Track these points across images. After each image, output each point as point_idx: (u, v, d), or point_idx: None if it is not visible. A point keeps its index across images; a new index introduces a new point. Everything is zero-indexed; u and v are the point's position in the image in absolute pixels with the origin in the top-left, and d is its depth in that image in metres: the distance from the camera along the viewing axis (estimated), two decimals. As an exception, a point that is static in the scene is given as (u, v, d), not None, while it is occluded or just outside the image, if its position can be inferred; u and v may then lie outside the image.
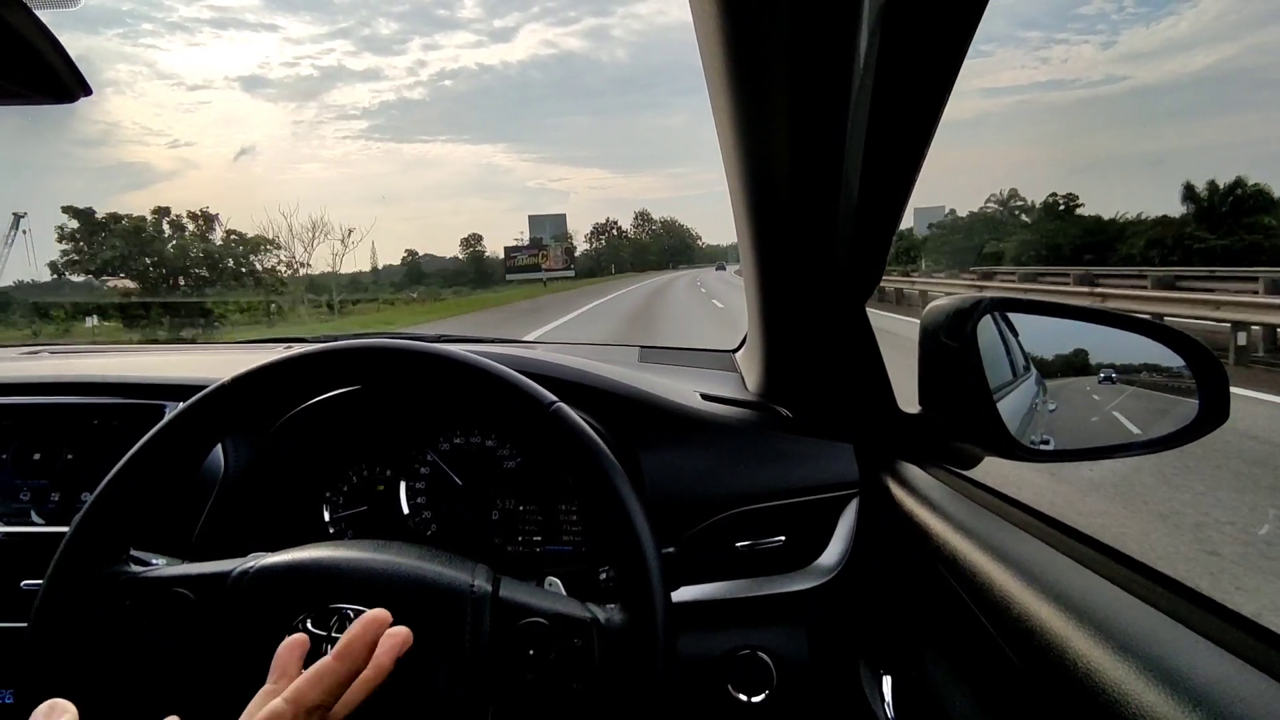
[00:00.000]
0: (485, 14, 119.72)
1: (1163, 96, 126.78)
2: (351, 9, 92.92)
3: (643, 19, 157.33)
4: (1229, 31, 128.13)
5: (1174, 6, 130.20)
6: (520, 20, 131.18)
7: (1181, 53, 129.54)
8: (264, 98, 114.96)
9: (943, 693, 0.60)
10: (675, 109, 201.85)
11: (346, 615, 0.50)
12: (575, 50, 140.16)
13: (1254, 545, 2.38)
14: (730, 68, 0.52)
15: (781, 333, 0.84)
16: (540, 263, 65.54)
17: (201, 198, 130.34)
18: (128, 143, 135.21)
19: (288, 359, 0.58)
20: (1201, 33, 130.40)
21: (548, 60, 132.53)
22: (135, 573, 0.53)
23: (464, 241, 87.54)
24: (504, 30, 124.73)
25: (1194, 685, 0.35)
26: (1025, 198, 42.11)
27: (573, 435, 0.55)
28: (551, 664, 0.51)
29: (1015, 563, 0.53)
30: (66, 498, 0.84)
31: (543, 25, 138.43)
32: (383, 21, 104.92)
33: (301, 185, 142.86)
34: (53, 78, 0.36)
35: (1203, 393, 0.62)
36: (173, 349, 1.37)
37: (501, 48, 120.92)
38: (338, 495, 0.90)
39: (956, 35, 0.48)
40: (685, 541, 0.79)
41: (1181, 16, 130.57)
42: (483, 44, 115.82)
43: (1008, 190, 42.98)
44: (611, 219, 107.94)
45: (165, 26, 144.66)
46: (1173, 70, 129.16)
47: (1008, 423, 0.64)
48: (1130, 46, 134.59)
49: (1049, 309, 0.70)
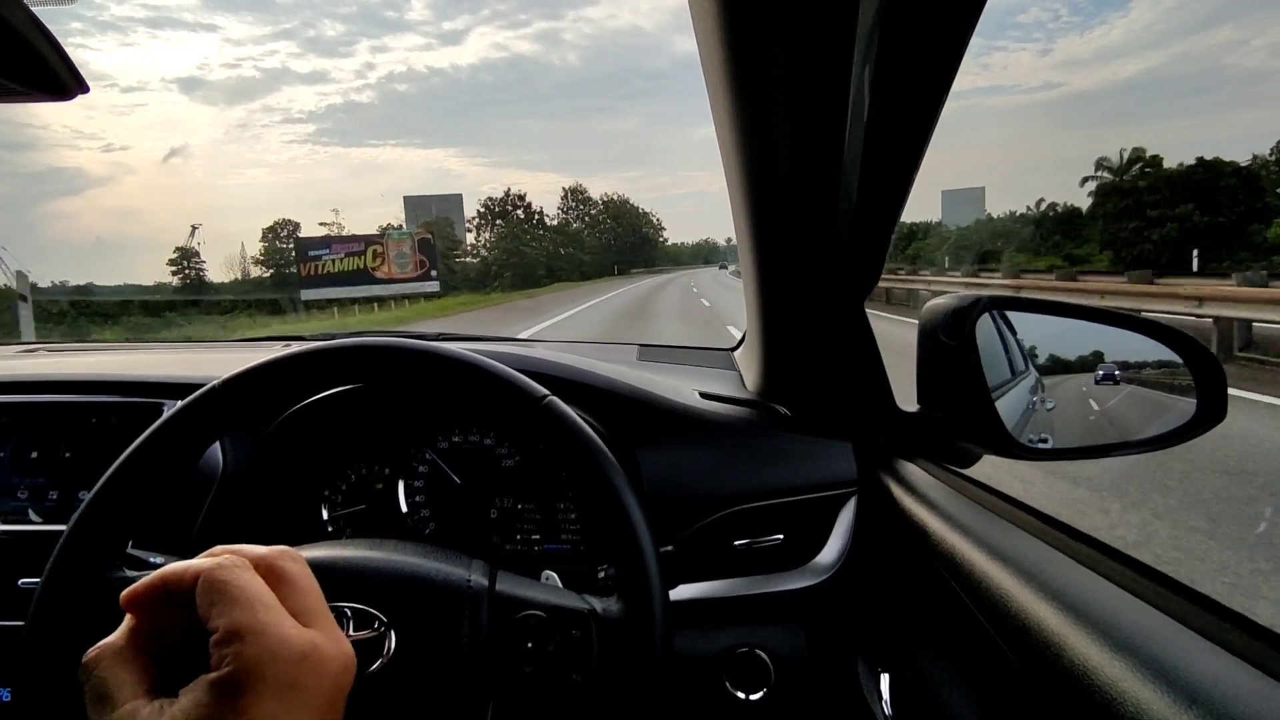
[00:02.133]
0: (434, 16, 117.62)
1: (1098, 102, 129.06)
2: (295, 9, 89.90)
3: (594, 23, 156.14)
4: (1157, 40, 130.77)
5: (1106, 15, 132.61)
6: (470, 23, 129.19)
7: (1114, 60, 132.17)
8: (203, 100, 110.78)
9: (940, 690, 0.60)
10: (627, 113, 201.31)
11: (344, 614, 0.50)
12: (526, 54, 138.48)
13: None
14: (730, 67, 0.52)
15: (780, 331, 0.84)
16: (371, 268, 36.18)
17: (135, 204, 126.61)
18: (58, 147, 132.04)
19: (284, 357, 0.58)
20: (1132, 41, 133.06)
21: (499, 63, 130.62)
22: (133, 572, 0.53)
23: (268, 232, 54.74)
24: (454, 33, 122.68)
25: (1190, 683, 0.35)
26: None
27: (565, 428, 0.55)
28: (550, 656, 0.51)
29: (1013, 560, 0.53)
30: (64, 496, 0.84)
31: (493, 28, 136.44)
32: (328, 23, 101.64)
33: (246, 190, 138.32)
34: (49, 75, 0.36)
35: (1200, 391, 0.62)
36: (170, 347, 1.37)
37: (451, 50, 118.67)
38: (336, 494, 0.90)
39: (954, 34, 0.48)
40: (683, 540, 0.79)
41: (1113, 25, 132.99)
42: (432, 46, 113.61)
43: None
44: (517, 191, 67.65)
45: (96, 26, 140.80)
46: (1106, 77, 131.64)
47: (1006, 421, 0.64)
48: (1066, 54, 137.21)
49: (1047, 307, 0.71)
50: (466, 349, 0.59)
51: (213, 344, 1.38)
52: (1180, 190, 26.08)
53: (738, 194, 0.68)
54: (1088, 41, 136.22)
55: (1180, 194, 25.95)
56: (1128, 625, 0.41)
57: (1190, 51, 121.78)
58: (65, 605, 0.51)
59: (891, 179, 0.61)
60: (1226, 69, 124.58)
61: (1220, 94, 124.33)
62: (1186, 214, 25.32)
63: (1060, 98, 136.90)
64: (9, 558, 0.76)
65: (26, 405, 0.88)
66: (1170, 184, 26.73)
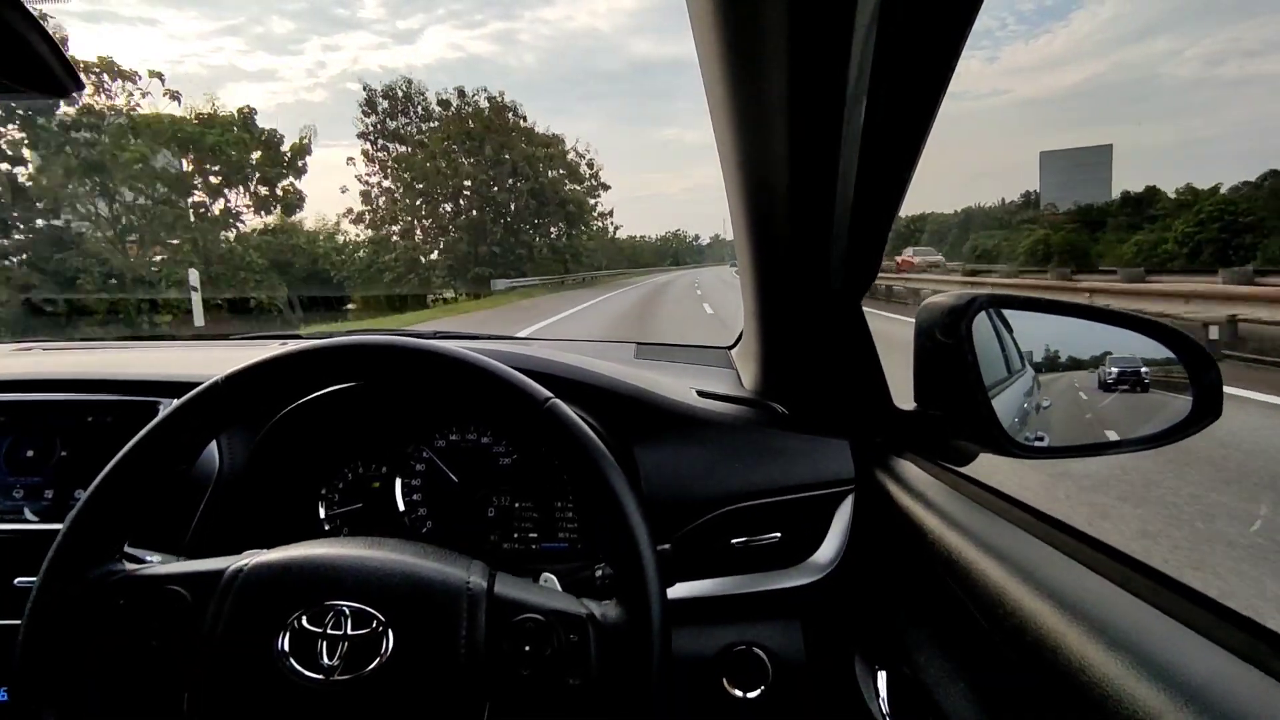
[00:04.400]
0: (388, 14, 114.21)
1: (1042, 108, 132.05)
2: (241, 5, 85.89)
3: (551, 24, 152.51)
4: (1098, 49, 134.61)
5: (1049, 25, 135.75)
6: (425, 22, 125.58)
7: (1057, 68, 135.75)
8: (145, 98, 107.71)
9: (937, 687, 0.60)
10: (584, 115, 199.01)
11: (342, 613, 0.50)
12: (483, 54, 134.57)
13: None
14: (728, 66, 0.52)
15: (778, 330, 0.84)
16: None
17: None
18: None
19: (282, 355, 0.58)
20: (1074, 49, 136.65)
21: (454, 64, 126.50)
22: (129, 570, 0.53)
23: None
24: (408, 32, 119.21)
25: (1186, 679, 0.35)
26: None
27: (568, 431, 0.55)
28: (547, 660, 0.51)
29: (1009, 558, 0.53)
30: (60, 495, 0.83)
31: (448, 28, 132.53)
32: (277, 19, 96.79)
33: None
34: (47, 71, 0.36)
35: (1196, 389, 0.62)
36: (166, 345, 1.37)
37: (406, 50, 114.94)
38: (333, 492, 0.90)
39: (952, 32, 0.48)
40: (681, 538, 0.79)
41: (1056, 35, 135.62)
42: (385, 46, 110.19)
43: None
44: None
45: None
46: (1050, 84, 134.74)
47: (1002, 419, 0.65)
48: (1012, 61, 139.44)
49: (1044, 306, 0.71)
50: (465, 348, 0.59)
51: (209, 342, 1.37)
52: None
53: (735, 192, 0.68)
54: (1032, 50, 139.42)
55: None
56: (1124, 622, 0.41)
57: (1127, 60, 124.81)
58: (61, 604, 0.51)
59: (889, 176, 0.61)
60: (1162, 78, 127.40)
61: (1156, 102, 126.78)
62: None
63: (1008, 104, 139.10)
64: (5, 557, 0.76)
65: (21, 404, 0.87)
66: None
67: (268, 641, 0.49)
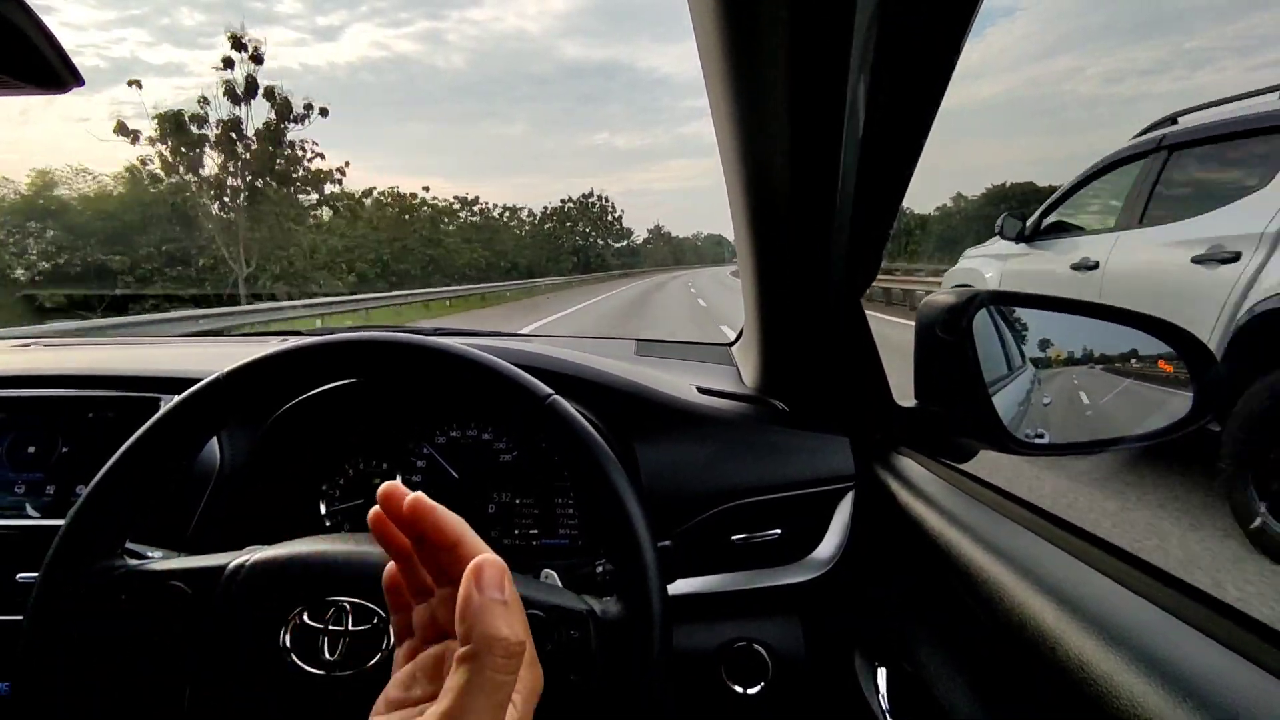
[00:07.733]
0: (307, 10, 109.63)
1: (961, 119, 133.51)
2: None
3: (479, 25, 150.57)
4: (1011, 64, 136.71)
5: (969, 40, 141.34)
6: (347, 19, 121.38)
7: (972, 80, 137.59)
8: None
9: (937, 684, 0.60)
10: (514, 118, 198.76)
11: (343, 609, 0.50)
12: (410, 54, 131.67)
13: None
14: (728, 64, 0.52)
15: (778, 326, 0.84)
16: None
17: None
18: None
19: (284, 351, 0.58)
20: (990, 64, 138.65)
21: (380, 63, 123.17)
22: (131, 566, 0.53)
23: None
24: (329, 29, 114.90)
25: (1185, 677, 0.36)
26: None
27: (568, 428, 0.55)
28: (548, 656, 0.51)
29: (1009, 555, 0.53)
30: (62, 491, 0.83)
31: (372, 25, 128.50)
32: (185, 11, 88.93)
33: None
34: (45, 68, 0.36)
35: (1196, 385, 0.62)
36: (166, 342, 1.37)
37: (327, 47, 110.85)
38: (334, 488, 0.90)
39: (952, 29, 0.48)
40: (681, 535, 0.80)
41: (972, 48, 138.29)
42: (305, 42, 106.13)
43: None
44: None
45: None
46: (968, 96, 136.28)
47: (1003, 416, 0.65)
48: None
49: (1045, 303, 0.71)
50: (466, 344, 0.59)
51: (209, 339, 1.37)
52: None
53: (736, 190, 0.67)
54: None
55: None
56: (1123, 619, 0.41)
57: (1037, 76, 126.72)
58: (63, 600, 0.51)
59: (889, 174, 0.60)
60: (1066, 94, 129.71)
61: (1063, 116, 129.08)
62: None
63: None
64: (7, 553, 0.76)
65: (22, 399, 0.87)
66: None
67: (269, 637, 0.49)
